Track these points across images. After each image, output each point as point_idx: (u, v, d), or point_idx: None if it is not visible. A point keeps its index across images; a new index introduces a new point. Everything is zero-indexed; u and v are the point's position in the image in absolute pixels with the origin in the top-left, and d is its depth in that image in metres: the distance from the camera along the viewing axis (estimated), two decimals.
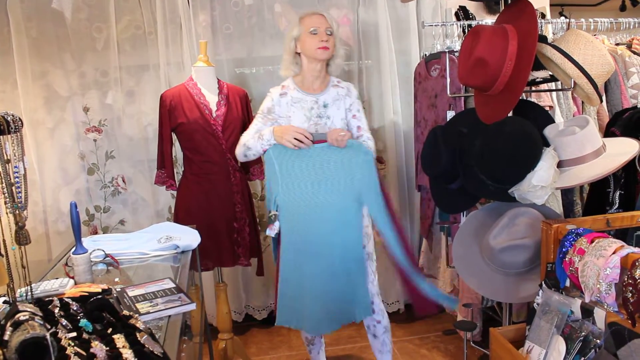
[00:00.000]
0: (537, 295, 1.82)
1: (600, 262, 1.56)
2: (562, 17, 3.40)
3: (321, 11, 2.45)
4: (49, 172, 3.31)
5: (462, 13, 3.19)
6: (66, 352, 1.16)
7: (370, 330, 2.61)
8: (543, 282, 1.82)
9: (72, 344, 1.21)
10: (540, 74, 2.28)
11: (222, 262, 2.84)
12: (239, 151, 2.50)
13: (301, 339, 3.41)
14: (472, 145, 2.10)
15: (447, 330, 3.42)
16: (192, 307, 1.58)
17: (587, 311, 1.66)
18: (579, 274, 1.64)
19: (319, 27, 2.37)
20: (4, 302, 1.51)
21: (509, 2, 2.17)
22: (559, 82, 2.53)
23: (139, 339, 1.27)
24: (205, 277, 3.36)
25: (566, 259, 1.72)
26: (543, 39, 2.15)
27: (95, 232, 3.36)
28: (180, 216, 2.77)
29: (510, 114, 2.18)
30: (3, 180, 1.41)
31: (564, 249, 1.74)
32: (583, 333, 1.62)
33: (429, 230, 3.26)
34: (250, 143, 2.44)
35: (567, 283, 1.76)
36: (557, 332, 1.67)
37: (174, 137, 2.79)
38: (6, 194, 1.40)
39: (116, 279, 1.89)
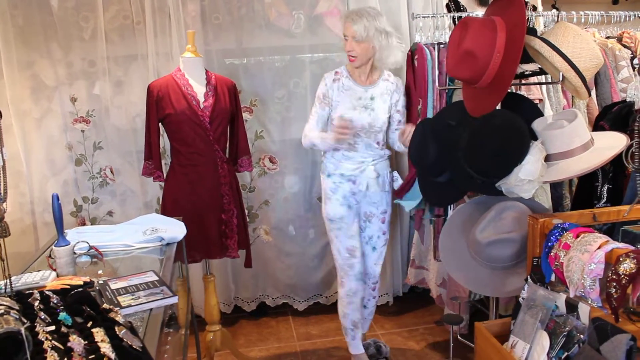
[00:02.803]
0: (523, 289, 1.82)
1: (585, 257, 1.56)
2: (554, 10, 3.38)
3: (350, 16, 2.55)
4: (36, 163, 3.27)
5: (454, 5, 3.16)
6: (43, 347, 1.15)
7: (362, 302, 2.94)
8: (529, 277, 1.81)
9: (50, 338, 1.19)
10: (529, 67, 2.27)
11: (210, 254, 2.82)
12: (304, 142, 2.75)
13: (291, 331, 3.42)
14: (460, 138, 2.08)
15: (438, 321, 3.43)
16: (174, 300, 1.57)
17: (572, 306, 1.66)
18: (564, 268, 1.64)
19: (346, 35, 2.57)
20: None
21: None
22: (549, 75, 2.52)
23: (117, 333, 1.26)
24: (195, 269, 3.34)
25: (552, 253, 1.72)
26: (532, 31, 2.14)
27: (83, 224, 3.33)
28: (168, 207, 2.74)
29: (498, 107, 2.17)
30: None
31: (549, 244, 1.73)
32: (567, 328, 1.62)
33: (421, 222, 3.26)
34: (316, 142, 2.70)
35: (553, 278, 1.76)
36: (541, 326, 1.67)
37: (162, 128, 2.77)
38: None
39: (99, 272, 1.86)
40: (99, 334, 1.25)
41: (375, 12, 2.58)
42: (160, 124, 2.72)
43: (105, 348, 1.19)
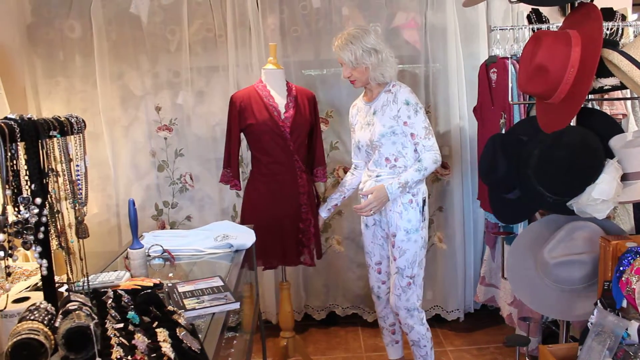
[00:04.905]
0: (592, 314, 1.74)
1: None
2: None
3: (337, 45, 2.51)
4: (123, 168, 3.48)
5: (535, 16, 3.07)
6: (110, 342, 1.23)
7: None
8: (598, 301, 1.73)
9: (117, 335, 1.28)
10: (609, 82, 2.16)
11: (287, 261, 2.89)
12: None
13: (359, 341, 3.43)
14: (530, 155, 2.02)
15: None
16: (236, 306, 1.63)
17: None
18: (636, 295, 1.56)
19: (341, 63, 2.56)
20: (66, 290, 1.62)
21: (575, 5, 2.07)
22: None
23: (178, 334, 1.33)
24: (267, 275, 3.43)
25: (623, 278, 1.63)
26: (613, 44, 2.04)
27: (163, 227, 3.50)
28: (247, 215, 2.84)
29: (574, 123, 2.10)
30: (66, 178, 1.49)
31: (621, 268, 1.65)
32: (638, 359, 1.53)
33: (495, 239, 3.18)
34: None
35: (624, 304, 1.67)
36: (609, 355, 1.59)
37: (242, 137, 2.86)
38: (68, 191, 1.49)
39: (170, 274, 1.97)
40: (162, 334, 1.32)
41: (360, 31, 2.47)
42: (241, 133, 2.82)
43: (166, 348, 1.26)
